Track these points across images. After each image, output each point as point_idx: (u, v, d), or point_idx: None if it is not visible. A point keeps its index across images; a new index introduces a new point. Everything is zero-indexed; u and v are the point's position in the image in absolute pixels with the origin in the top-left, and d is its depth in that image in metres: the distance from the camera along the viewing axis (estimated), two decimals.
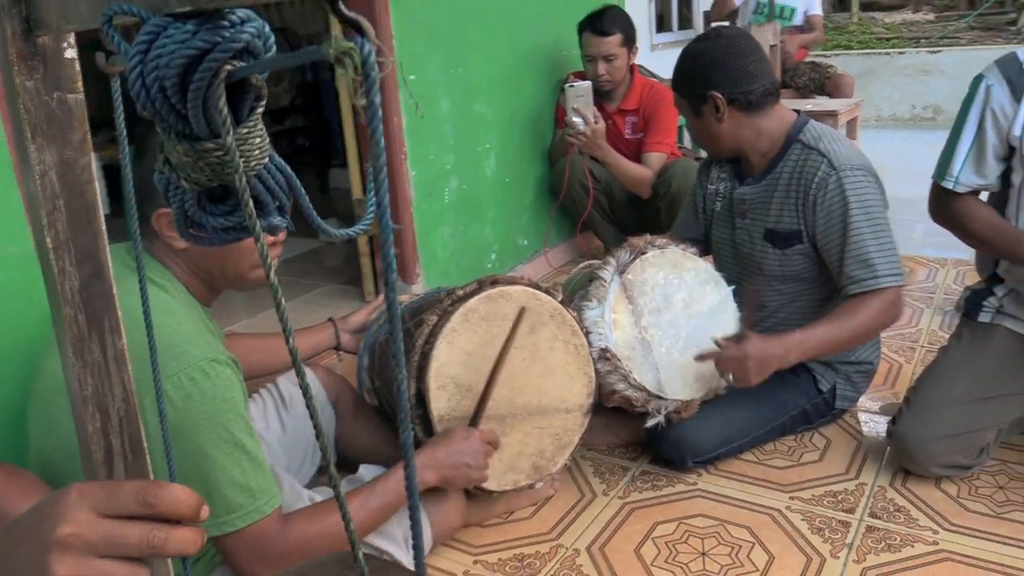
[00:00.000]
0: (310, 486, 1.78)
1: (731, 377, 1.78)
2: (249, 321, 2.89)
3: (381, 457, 1.83)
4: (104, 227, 0.76)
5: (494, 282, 1.69)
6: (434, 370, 1.57)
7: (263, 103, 0.47)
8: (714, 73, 1.90)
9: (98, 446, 0.80)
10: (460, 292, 1.67)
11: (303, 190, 0.47)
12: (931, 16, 12.65)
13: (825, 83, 4.73)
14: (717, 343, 1.77)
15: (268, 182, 0.45)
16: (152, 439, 0.76)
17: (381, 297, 2.26)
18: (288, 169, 0.47)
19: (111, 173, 3.89)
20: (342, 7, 0.36)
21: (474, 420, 1.61)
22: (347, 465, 1.87)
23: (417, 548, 0.46)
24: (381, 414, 2.00)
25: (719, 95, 1.90)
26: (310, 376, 1.98)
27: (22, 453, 1.46)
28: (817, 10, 4.82)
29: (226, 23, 0.43)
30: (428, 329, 1.62)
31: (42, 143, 0.72)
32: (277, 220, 0.46)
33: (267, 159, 0.44)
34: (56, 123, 0.73)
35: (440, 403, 1.58)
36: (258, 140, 0.44)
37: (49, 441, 1.36)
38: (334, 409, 1.95)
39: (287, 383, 1.94)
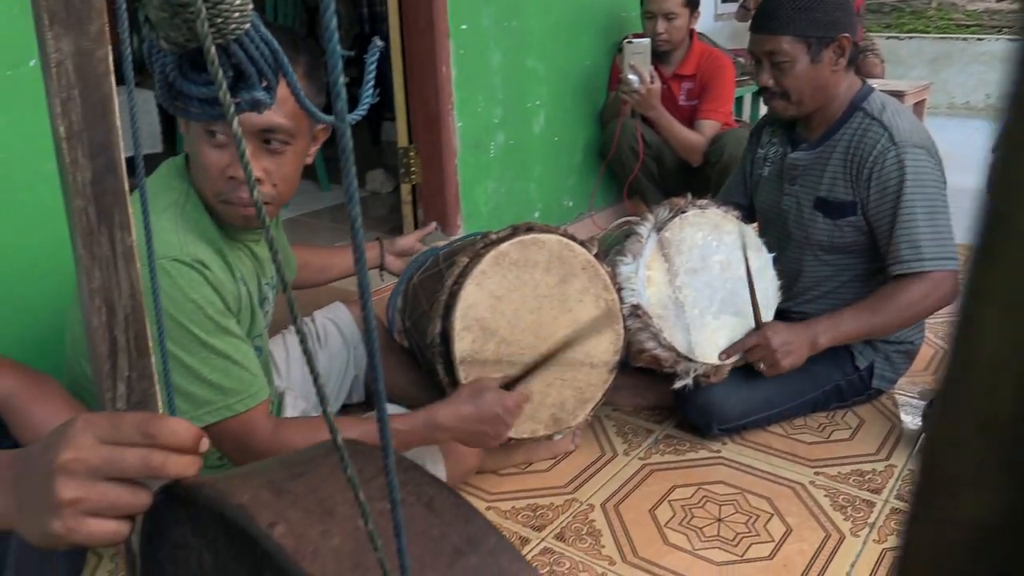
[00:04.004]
0: None
1: (762, 366, 1.79)
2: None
3: (408, 398, 1.82)
4: (118, 121, 0.76)
5: (529, 228, 1.66)
6: (460, 311, 1.56)
7: None
8: (846, 17, 1.80)
9: (103, 340, 0.80)
10: (494, 236, 1.65)
11: (290, 68, 0.45)
12: (1015, 5, 12.11)
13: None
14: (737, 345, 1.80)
15: (251, 51, 0.44)
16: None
17: (433, 225, 2.27)
18: (275, 43, 0.45)
19: (164, 111, 3.93)
20: None
21: (512, 384, 1.57)
22: (373, 406, 1.88)
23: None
24: (411, 355, 1.99)
25: (849, 40, 1.81)
26: (342, 312, 1.98)
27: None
28: None
29: None
30: (458, 270, 1.60)
31: (59, 31, 0.71)
32: (260, 95, 0.45)
33: (248, 25, 0.42)
34: (74, 12, 0.72)
35: (464, 344, 1.57)
36: (237, 1, 0.42)
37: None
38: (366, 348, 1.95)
39: (323, 317, 1.96)
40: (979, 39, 6.92)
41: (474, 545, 0.58)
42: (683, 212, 1.79)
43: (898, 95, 3.98)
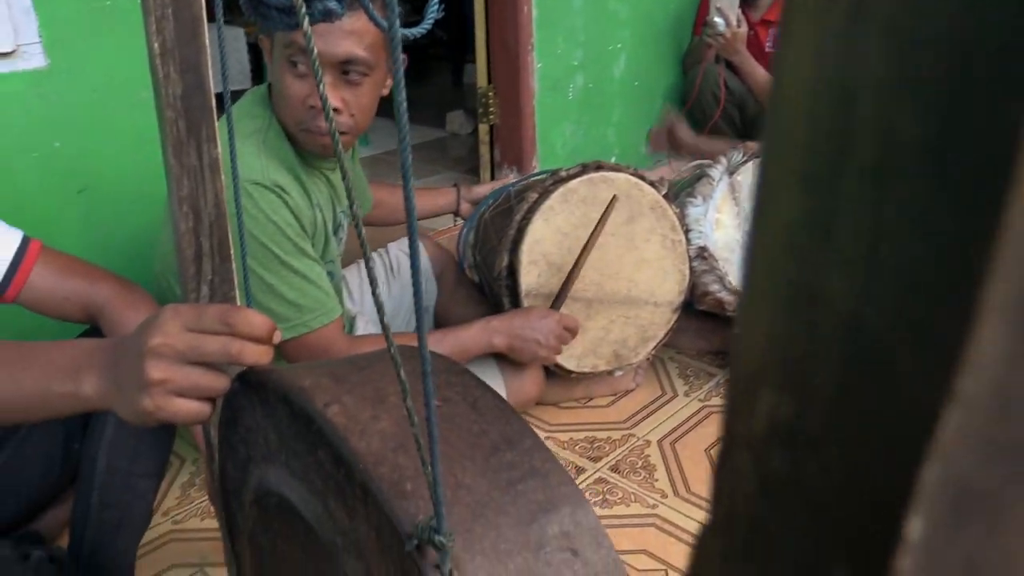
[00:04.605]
0: None
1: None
2: None
3: None
4: (207, 41, 0.81)
5: (599, 167, 1.68)
6: (527, 245, 1.60)
7: None
8: None
9: (189, 245, 0.86)
10: (563, 173, 1.67)
11: None
12: None
13: None
14: None
15: None
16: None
17: (510, 177, 2.32)
18: None
19: (254, 50, 4.03)
20: None
21: (556, 302, 1.63)
22: None
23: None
24: (481, 290, 2.05)
25: None
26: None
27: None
28: None
29: None
30: (527, 205, 1.64)
31: None
32: (332, 4, 0.48)
33: None
34: None
35: (530, 278, 1.61)
36: None
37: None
38: (437, 283, 2.01)
39: (396, 249, 2.02)
40: None
41: (511, 443, 0.62)
42: (757, 156, 1.77)
43: None
